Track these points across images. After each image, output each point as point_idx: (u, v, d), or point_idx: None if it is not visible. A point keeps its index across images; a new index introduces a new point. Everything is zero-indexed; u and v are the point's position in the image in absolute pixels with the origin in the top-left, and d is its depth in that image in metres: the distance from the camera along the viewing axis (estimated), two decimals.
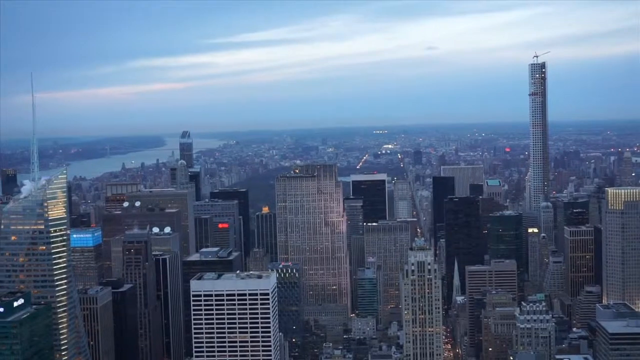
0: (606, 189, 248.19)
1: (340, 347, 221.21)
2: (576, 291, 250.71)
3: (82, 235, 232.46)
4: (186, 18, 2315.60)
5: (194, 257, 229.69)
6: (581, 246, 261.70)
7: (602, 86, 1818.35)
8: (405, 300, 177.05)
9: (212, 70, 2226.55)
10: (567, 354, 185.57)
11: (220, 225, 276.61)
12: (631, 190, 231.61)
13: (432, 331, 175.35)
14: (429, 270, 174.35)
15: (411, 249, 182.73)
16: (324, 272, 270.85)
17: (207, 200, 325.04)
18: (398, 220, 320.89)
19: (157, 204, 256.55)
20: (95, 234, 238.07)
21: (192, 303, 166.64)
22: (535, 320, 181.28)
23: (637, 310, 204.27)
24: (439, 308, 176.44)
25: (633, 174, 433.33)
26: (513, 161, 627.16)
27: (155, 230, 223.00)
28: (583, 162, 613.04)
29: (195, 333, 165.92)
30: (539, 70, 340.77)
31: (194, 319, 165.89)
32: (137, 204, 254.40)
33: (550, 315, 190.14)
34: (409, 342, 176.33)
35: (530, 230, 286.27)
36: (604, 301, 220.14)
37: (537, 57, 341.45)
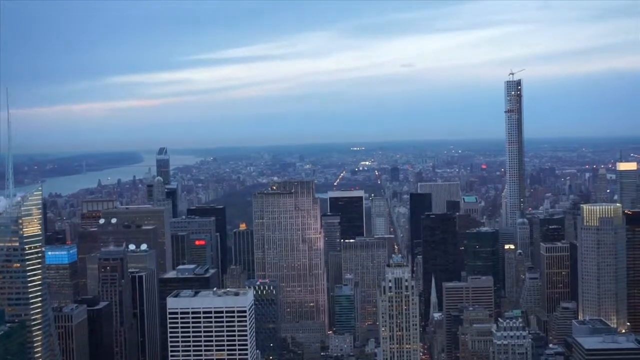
0: (581, 205, 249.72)
1: None
2: (552, 307, 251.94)
3: (57, 253, 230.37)
4: (163, 35, 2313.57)
5: (171, 274, 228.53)
6: (557, 262, 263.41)
7: (577, 103, 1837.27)
8: (383, 317, 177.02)
9: (189, 86, 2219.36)
10: None
11: (197, 242, 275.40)
12: (606, 207, 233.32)
13: (410, 348, 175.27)
14: (406, 287, 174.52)
15: (388, 265, 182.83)
16: (301, 289, 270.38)
17: (184, 217, 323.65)
18: (375, 237, 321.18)
19: (133, 220, 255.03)
20: (71, 251, 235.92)
21: (168, 320, 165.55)
22: (512, 337, 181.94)
23: (612, 326, 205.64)
24: (416, 325, 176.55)
25: (608, 191, 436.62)
26: (489, 178, 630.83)
27: (132, 247, 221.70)
28: (558, 178, 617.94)
29: (171, 351, 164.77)
30: (514, 88, 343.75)
31: (171, 337, 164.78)
32: (113, 220, 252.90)
33: (527, 332, 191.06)
34: (387, 359, 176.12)
35: (506, 246, 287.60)
36: (580, 317, 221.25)
37: (512, 74, 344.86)
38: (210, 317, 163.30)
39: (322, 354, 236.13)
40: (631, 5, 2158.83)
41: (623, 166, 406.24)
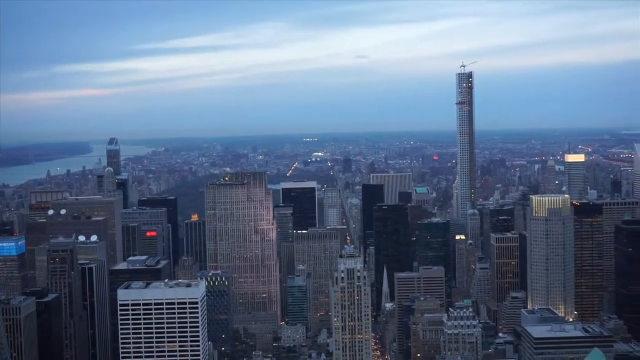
0: (531, 196, 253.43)
1: (270, 355, 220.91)
2: (502, 297, 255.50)
3: (4, 244, 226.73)
4: (113, 23, 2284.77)
5: (121, 265, 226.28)
6: (507, 252, 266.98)
7: (527, 96, 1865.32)
8: (335, 308, 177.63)
9: (140, 76, 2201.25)
10: (494, 358, 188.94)
11: (148, 234, 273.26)
12: (555, 198, 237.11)
13: (362, 338, 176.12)
14: (359, 278, 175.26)
15: (341, 256, 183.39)
16: (253, 280, 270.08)
17: (135, 208, 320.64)
18: (328, 227, 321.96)
19: (83, 211, 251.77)
20: (19, 243, 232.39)
21: (119, 312, 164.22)
22: (462, 326, 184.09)
23: (560, 315, 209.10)
24: (368, 315, 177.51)
25: (556, 182, 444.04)
26: (441, 169, 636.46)
27: (81, 238, 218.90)
28: (508, 170, 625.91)
29: (122, 343, 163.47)
30: (465, 80, 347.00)
31: (121, 329, 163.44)
32: (63, 211, 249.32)
33: (477, 321, 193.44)
34: (339, 349, 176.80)
35: (457, 237, 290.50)
36: (529, 306, 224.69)
37: (464, 66, 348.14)
38: (162, 309, 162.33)
39: (274, 344, 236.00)
40: (578, 1, 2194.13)
41: (571, 158, 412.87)
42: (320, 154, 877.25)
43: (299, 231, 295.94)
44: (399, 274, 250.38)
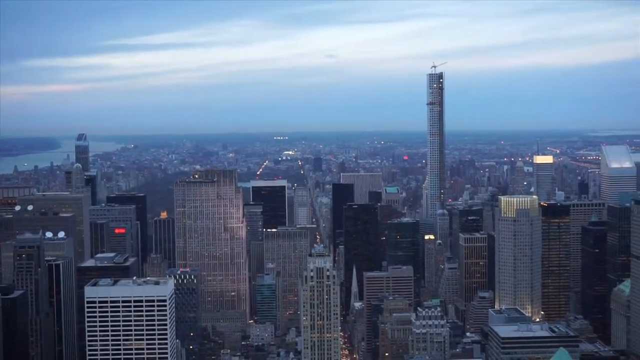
0: (499, 197, 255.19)
1: (239, 354, 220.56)
2: (470, 296, 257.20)
3: None
4: (81, 18, 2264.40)
5: (89, 262, 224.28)
6: (475, 253, 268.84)
7: (497, 97, 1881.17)
8: (304, 306, 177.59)
9: (109, 72, 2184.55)
10: (461, 358, 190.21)
11: (116, 230, 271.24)
12: (523, 199, 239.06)
13: (330, 337, 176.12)
14: (328, 277, 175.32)
15: (310, 255, 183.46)
16: (222, 278, 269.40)
17: (103, 204, 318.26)
18: (298, 226, 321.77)
19: (50, 208, 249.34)
20: None
21: (86, 310, 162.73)
22: (430, 326, 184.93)
23: (527, 314, 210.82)
24: (337, 314, 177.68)
25: (525, 183, 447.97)
26: (411, 169, 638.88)
27: (49, 235, 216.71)
28: (478, 170, 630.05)
29: (89, 340, 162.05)
30: (436, 81, 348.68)
31: (88, 326, 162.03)
32: (30, 207, 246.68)
33: (445, 321, 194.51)
34: (307, 348, 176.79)
35: (426, 237, 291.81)
36: (497, 306, 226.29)
37: (434, 67, 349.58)
38: (130, 306, 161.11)
39: (242, 343, 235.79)
40: (552, 3, 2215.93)
41: (539, 159, 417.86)
42: (290, 152, 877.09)
43: (268, 230, 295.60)
44: (368, 273, 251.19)
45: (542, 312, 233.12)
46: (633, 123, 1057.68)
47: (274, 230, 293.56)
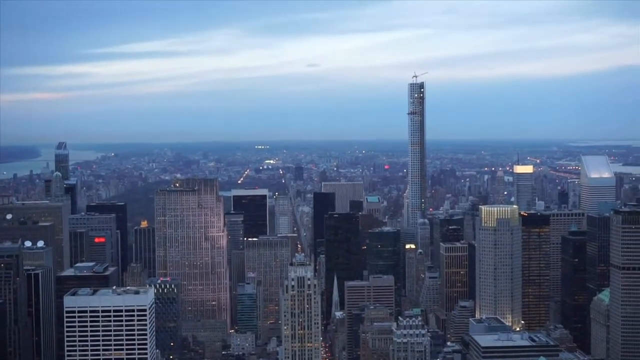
0: (480, 206, 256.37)
1: None
2: (451, 306, 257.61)
3: None
4: (63, 27, 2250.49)
5: (68, 272, 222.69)
6: (456, 262, 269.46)
7: (478, 107, 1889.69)
8: (285, 316, 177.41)
9: (90, 80, 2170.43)
10: None
11: (96, 240, 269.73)
12: (503, 208, 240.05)
13: (311, 346, 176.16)
14: (309, 286, 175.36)
15: (291, 264, 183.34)
16: (203, 288, 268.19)
17: (83, 213, 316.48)
18: (279, 235, 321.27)
19: (29, 216, 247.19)
20: None
21: (65, 319, 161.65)
22: (411, 335, 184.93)
23: (507, 324, 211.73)
24: (318, 323, 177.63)
25: (505, 193, 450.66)
26: (392, 178, 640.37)
27: (28, 244, 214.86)
28: (458, 180, 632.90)
29: (68, 350, 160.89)
30: (417, 90, 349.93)
31: (67, 336, 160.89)
32: (9, 216, 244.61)
33: (426, 330, 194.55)
34: (288, 357, 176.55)
35: (407, 246, 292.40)
36: (477, 315, 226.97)
37: (416, 77, 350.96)
38: (109, 316, 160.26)
39: (223, 352, 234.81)
40: (531, 14, 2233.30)
41: (520, 169, 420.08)
42: (272, 161, 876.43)
43: (249, 239, 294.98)
44: (349, 282, 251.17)
45: (523, 322, 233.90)
46: (612, 133, 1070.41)
47: (254, 239, 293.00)
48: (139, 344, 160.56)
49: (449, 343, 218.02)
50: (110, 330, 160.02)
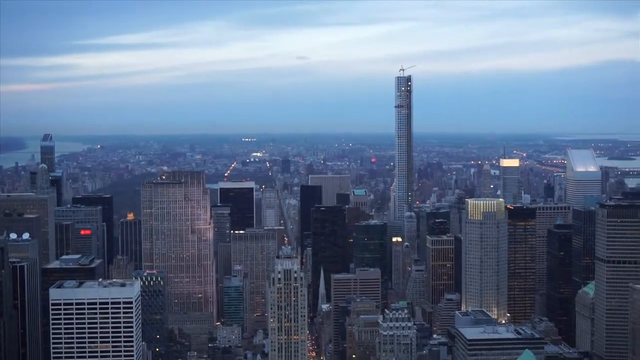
0: (466, 199, 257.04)
1: (205, 356, 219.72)
2: (437, 299, 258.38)
3: None
4: (49, 18, 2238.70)
5: (54, 264, 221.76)
6: (442, 255, 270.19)
7: (465, 101, 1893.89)
8: (272, 308, 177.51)
9: (77, 72, 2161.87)
10: (428, 359, 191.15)
11: (82, 232, 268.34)
12: (489, 202, 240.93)
13: (298, 339, 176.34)
14: (295, 279, 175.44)
15: (278, 257, 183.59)
16: (189, 280, 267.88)
17: (69, 205, 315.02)
18: (265, 228, 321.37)
19: (15, 208, 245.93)
20: None
21: (51, 312, 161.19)
22: (397, 327, 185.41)
23: (493, 317, 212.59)
24: (304, 316, 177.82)
25: (491, 186, 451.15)
26: (379, 171, 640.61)
27: (13, 236, 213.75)
28: (445, 173, 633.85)
29: (53, 343, 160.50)
30: (404, 84, 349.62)
31: (53, 329, 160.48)
32: None
33: (412, 323, 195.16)
34: (274, 350, 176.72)
35: (394, 239, 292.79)
36: (463, 308, 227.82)
37: (403, 70, 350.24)
38: (95, 309, 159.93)
39: (209, 345, 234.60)
40: (517, 7, 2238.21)
41: (506, 162, 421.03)
42: (258, 154, 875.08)
43: (236, 231, 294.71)
44: (336, 275, 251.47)
45: (508, 314, 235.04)
46: (598, 127, 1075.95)
47: (241, 231, 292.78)
48: (124, 337, 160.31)
49: (435, 335, 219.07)
50: (96, 323, 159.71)
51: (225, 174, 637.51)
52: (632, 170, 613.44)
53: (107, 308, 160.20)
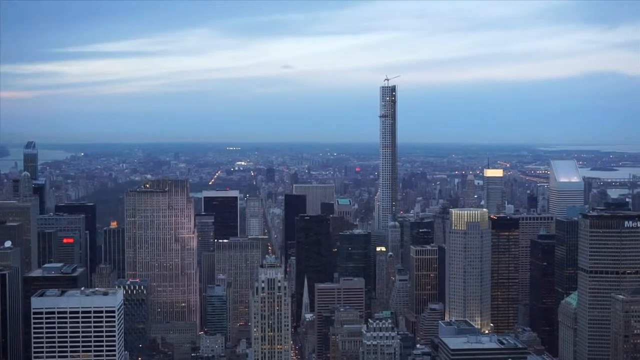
0: (450, 209, 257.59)
1: None
2: (421, 308, 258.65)
3: None
4: (34, 25, 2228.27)
5: (36, 272, 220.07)
6: (426, 265, 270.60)
7: (449, 111, 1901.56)
8: (255, 318, 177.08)
9: (61, 80, 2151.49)
10: None
11: (65, 240, 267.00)
12: (473, 212, 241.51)
13: (281, 349, 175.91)
14: (279, 288, 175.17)
15: (262, 266, 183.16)
16: (173, 289, 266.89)
17: (51, 213, 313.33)
18: (249, 237, 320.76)
19: None
20: None
21: (32, 321, 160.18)
22: (381, 337, 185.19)
23: (477, 326, 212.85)
24: (288, 325, 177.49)
25: (475, 196, 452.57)
26: (363, 181, 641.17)
27: None
28: (429, 183, 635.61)
29: (35, 352, 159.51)
30: (389, 93, 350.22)
31: (35, 338, 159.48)
32: None
33: (396, 332, 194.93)
34: (258, 359, 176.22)
35: (378, 248, 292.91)
36: (447, 318, 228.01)
37: (387, 80, 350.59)
38: (77, 318, 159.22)
39: (192, 354, 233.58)
40: (502, 18, 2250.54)
41: (490, 173, 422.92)
42: (243, 163, 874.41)
43: (220, 240, 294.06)
44: (320, 284, 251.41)
45: (491, 324, 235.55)
46: (581, 138, 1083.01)
47: (225, 240, 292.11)
48: (107, 346, 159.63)
49: (418, 345, 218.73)
50: (78, 332, 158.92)
51: (210, 183, 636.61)
52: (615, 181, 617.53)
53: (90, 317, 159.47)
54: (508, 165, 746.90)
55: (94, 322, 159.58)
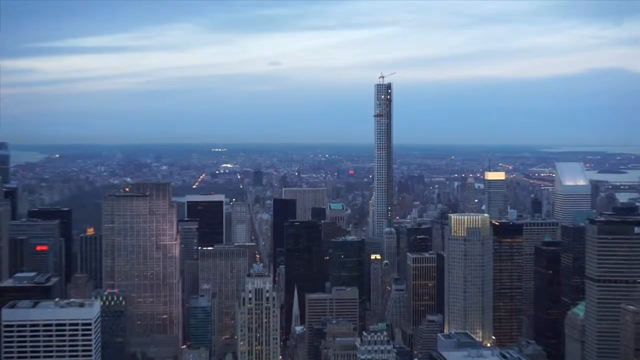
0: (449, 215, 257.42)
1: None
2: (418, 320, 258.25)
3: None
4: (7, 18, 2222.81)
5: (7, 282, 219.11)
6: (424, 273, 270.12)
7: (447, 110, 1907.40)
8: (241, 331, 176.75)
9: (34, 76, 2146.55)
10: None
11: (38, 248, 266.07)
12: (474, 217, 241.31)
13: None
14: (267, 298, 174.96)
15: (249, 275, 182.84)
16: (153, 300, 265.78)
17: (24, 219, 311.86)
18: (235, 244, 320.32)
19: None
20: None
21: (3, 334, 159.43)
22: (376, 351, 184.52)
23: (478, 339, 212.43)
24: (276, 339, 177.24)
25: (476, 200, 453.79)
26: (357, 184, 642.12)
27: None
28: (427, 187, 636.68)
29: None
30: (384, 91, 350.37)
31: (5, 352, 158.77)
32: None
33: (392, 345, 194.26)
34: None
35: (373, 256, 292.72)
36: (446, 330, 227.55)
37: (382, 77, 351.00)
38: (51, 331, 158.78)
39: None
40: (501, 13, 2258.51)
41: (491, 176, 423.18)
42: (229, 165, 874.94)
43: (204, 248, 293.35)
44: (311, 295, 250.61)
45: (494, 337, 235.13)
46: (586, 139, 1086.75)
47: (210, 248, 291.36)
48: None
49: (415, 359, 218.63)
50: (52, 346, 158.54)
51: (193, 186, 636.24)
52: (623, 184, 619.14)
53: (65, 330, 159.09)
54: (510, 167, 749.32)
55: (69, 335, 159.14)
